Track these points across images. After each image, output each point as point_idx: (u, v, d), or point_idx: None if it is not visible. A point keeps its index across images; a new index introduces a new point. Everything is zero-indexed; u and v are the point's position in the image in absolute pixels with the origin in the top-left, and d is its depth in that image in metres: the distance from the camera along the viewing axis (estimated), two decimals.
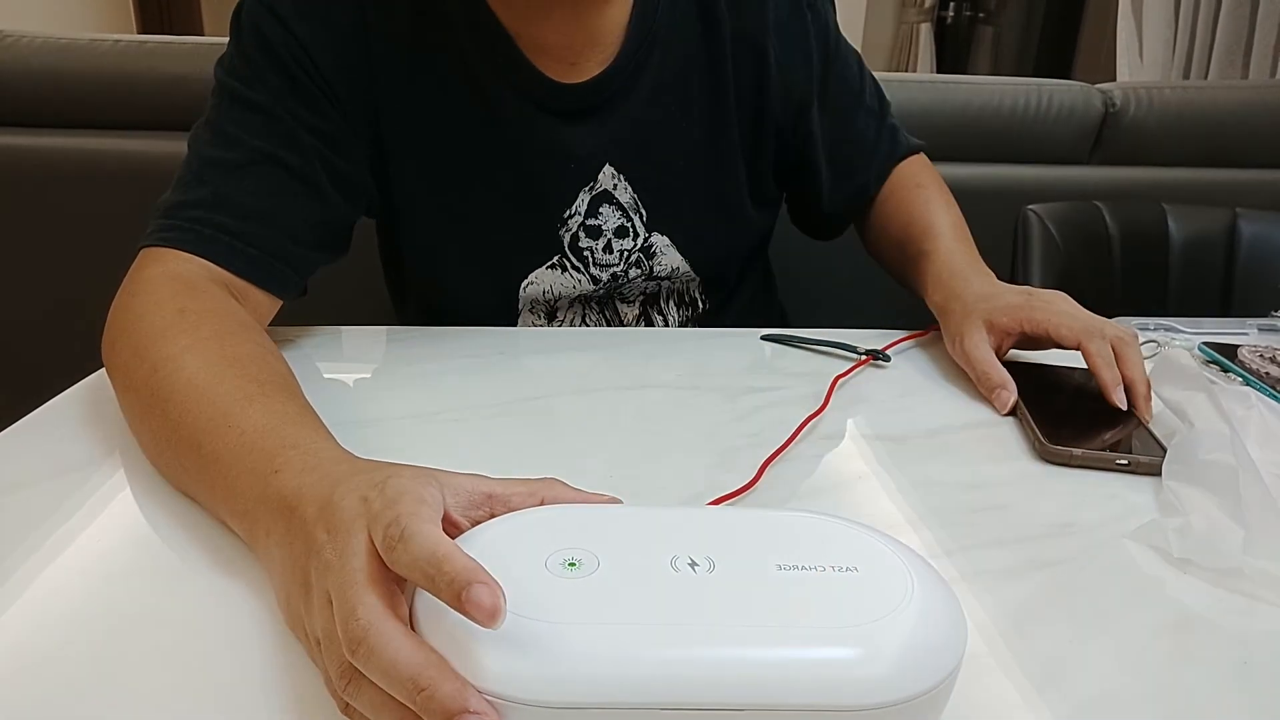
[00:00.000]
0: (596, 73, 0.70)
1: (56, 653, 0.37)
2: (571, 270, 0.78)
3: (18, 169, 1.34)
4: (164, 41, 1.34)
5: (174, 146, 1.37)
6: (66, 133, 1.34)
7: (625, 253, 0.77)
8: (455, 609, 0.29)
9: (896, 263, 0.83)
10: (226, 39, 0.67)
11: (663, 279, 0.81)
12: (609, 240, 0.76)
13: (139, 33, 3.93)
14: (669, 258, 0.79)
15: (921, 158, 0.88)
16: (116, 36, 1.35)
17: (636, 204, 0.76)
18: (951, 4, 4.56)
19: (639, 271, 0.79)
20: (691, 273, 0.81)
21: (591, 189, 0.74)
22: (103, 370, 0.57)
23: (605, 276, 0.79)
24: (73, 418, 0.57)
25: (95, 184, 1.34)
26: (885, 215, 0.85)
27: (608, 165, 0.74)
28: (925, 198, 0.82)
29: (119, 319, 0.56)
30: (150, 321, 0.53)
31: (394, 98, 0.69)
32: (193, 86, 1.32)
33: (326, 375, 0.66)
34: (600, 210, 0.75)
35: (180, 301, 0.55)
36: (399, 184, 0.73)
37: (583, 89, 0.70)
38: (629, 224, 0.76)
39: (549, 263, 0.77)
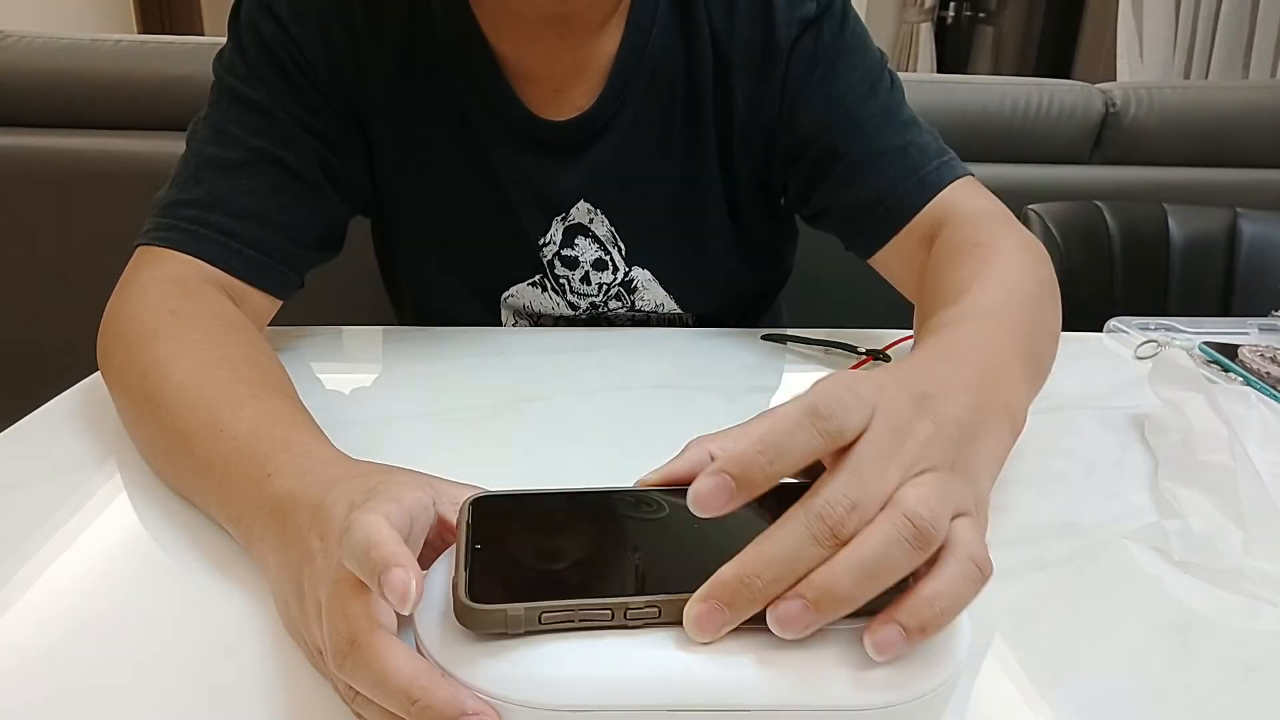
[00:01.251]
0: (582, 105, 0.69)
1: (54, 654, 0.37)
2: (552, 292, 0.77)
3: (18, 169, 1.34)
4: (164, 41, 1.34)
5: (174, 146, 1.36)
6: (66, 133, 1.34)
7: (604, 286, 0.76)
8: (378, 595, 0.29)
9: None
10: (226, 38, 0.67)
11: (648, 313, 0.80)
12: (586, 272, 0.75)
13: (139, 33, 3.93)
14: (652, 292, 0.78)
15: (969, 186, 0.67)
16: (117, 36, 1.35)
17: (614, 237, 0.74)
18: (951, 4, 4.56)
19: (620, 304, 0.78)
20: (678, 309, 0.80)
21: (564, 220, 0.73)
22: (100, 372, 0.57)
23: (584, 305, 0.78)
24: (70, 420, 0.57)
25: (95, 184, 1.34)
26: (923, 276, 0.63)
27: (583, 201, 0.73)
28: (985, 272, 0.54)
29: (112, 322, 0.56)
30: (142, 324, 0.53)
31: (381, 105, 0.69)
32: (193, 86, 1.32)
33: (325, 376, 0.65)
34: (576, 241, 0.74)
35: (172, 304, 0.55)
36: (386, 188, 0.73)
37: (564, 127, 0.69)
38: (607, 257, 0.75)
39: (530, 280, 0.77)
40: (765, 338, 0.76)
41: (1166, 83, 1.52)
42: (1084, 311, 0.65)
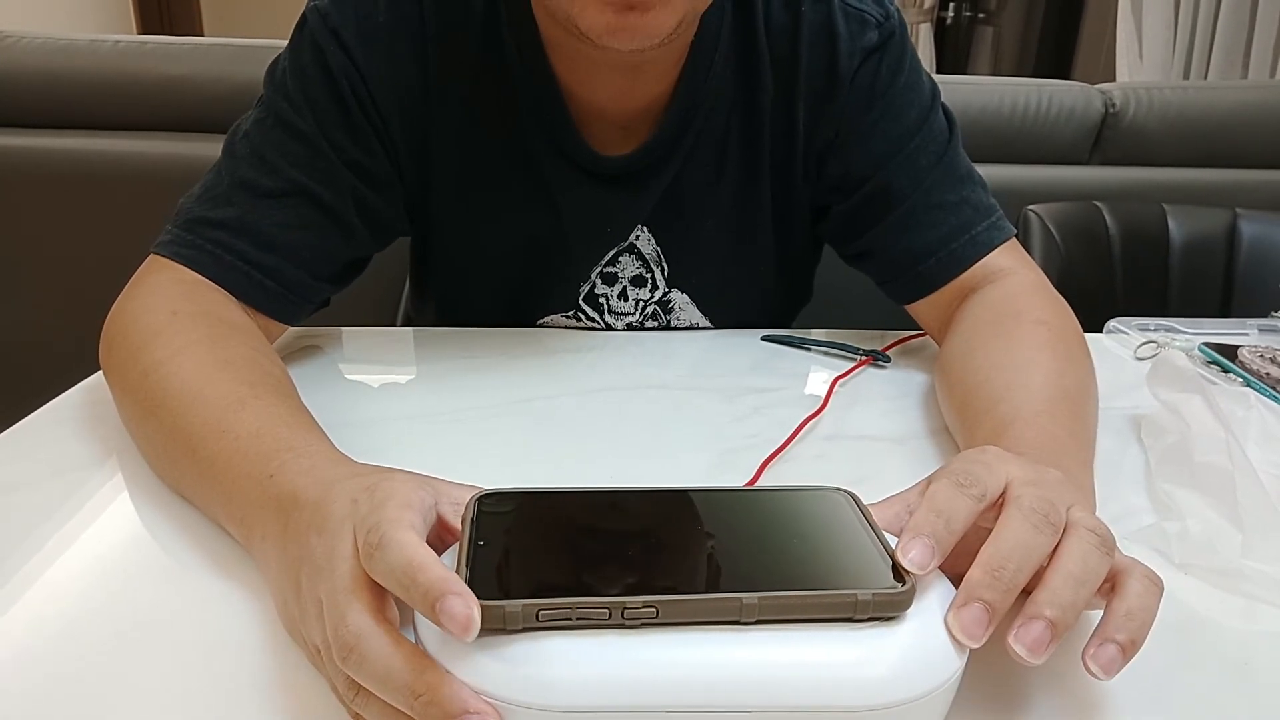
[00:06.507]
0: (643, 137, 0.69)
1: (55, 654, 0.37)
2: (586, 320, 0.77)
3: (18, 169, 1.34)
4: (164, 42, 1.34)
5: (174, 147, 1.38)
6: (66, 133, 1.34)
7: (642, 303, 0.76)
8: (430, 619, 0.29)
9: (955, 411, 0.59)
10: (225, 39, 0.67)
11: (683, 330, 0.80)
12: (624, 287, 0.75)
13: (139, 33, 3.93)
14: (688, 314, 0.78)
15: (1012, 250, 0.69)
16: (116, 37, 1.35)
17: (659, 257, 0.74)
18: (951, 4, 4.55)
19: (656, 324, 0.78)
20: (711, 326, 0.80)
21: (620, 247, 0.74)
22: (101, 372, 0.57)
23: (621, 326, 0.78)
24: (71, 420, 0.57)
25: (95, 184, 1.34)
26: (955, 358, 0.62)
27: (641, 226, 0.73)
28: (1025, 357, 0.57)
29: (116, 322, 0.56)
30: (144, 324, 0.53)
31: (445, 137, 0.68)
32: (192, 87, 1.31)
33: (327, 376, 0.65)
34: (620, 259, 0.74)
35: (174, 305, 0.55)
36: (438, 218, 0.72)
37: (626, 160, 0.69)
38: (648, 274, 0.75)
39: (568, 312, 0.77)
40: (765, 338, 0.76)
41: (1166, 83, 1.53)
42: (1084, 312, 0.65)
